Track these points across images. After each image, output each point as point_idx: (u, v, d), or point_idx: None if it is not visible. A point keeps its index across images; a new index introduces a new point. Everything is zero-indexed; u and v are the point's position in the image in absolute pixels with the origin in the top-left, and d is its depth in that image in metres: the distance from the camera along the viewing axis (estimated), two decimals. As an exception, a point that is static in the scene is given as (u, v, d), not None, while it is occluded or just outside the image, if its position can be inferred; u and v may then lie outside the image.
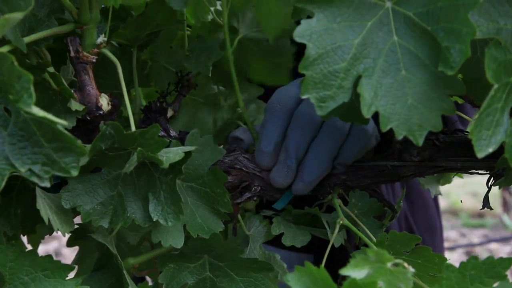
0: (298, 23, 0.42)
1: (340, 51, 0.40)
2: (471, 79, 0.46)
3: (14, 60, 0.34)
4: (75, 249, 0.76)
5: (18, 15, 0.35)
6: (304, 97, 0.40)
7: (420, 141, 0.41)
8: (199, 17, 0.71)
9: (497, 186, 0.64)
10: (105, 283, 0.60)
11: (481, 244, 3.77)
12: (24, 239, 0.73)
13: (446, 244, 3.79)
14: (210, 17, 0.70)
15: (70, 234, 0.65)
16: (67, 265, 0.50)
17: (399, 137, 0.41)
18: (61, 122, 0.36)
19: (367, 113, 0.40)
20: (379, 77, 0.40)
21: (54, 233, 0.68)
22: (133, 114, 0.59)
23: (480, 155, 0.39)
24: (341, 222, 0.60)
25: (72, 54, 0.50)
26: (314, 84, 0.40)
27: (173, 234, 0.54)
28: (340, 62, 0.40)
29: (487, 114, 0.39)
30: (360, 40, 0.41)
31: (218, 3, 0.72)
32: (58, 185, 0.54)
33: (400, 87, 0.40)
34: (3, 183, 0.38)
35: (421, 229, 1.06)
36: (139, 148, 0.46)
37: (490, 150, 0.40)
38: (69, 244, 0.72)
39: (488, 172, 0.64)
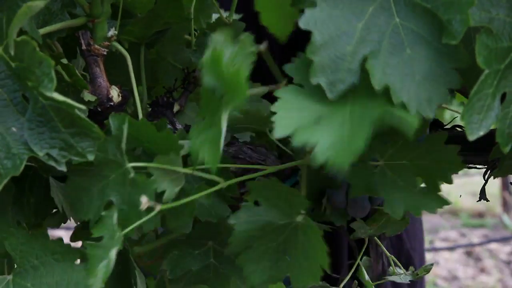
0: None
1: (345, 36, 0.41)
2: (467, 69, 0.48)
3: (36, 46, 0.36)
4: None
5: (40, 3, 0.36)
6: (314, 81, 0.42)
7: (431, 115, 0.42)
8: (204, 18, 0.73)
9: (496, 184, 0.66)
10: (112, 270, 0.61)
11: (481, 244, 3.78)
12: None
13: (446, 244, 3.80)
14: (215, 16, 0.72)
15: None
16: (77, 249, 0.51)
17: (412, 112, 0.41)
18: (79, 107, 0.37)
19: (378, 85, 0.41)
20: (385, 57, 0.42)
21: (54, 232, 0.70)
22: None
23: (471, 138, 0.41)
24: None
25: (84, 47, 0.52)
26: (323, 69, 0.41)
27: (182, 220, 0.55)
28: (346, 46, 0.41)
29: (478, 99, 0.41)
30: (364, 25, 0.42)
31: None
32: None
33: (407, 65, 0.42)
34: (22, 167, 0.40)
35: None
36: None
37: (481, 133, 0.41)
38: (74, 238, 0.72)
39: (486, 166, 0.66)
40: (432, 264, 0.66)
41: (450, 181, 0.49)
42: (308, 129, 0.40)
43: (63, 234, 3.49)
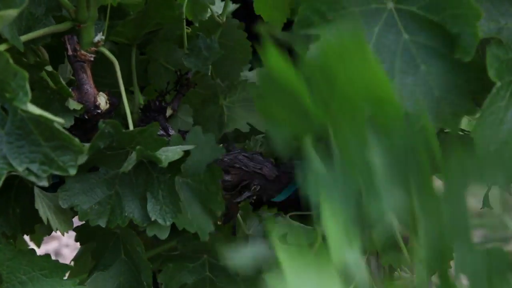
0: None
1: None
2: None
3: (9, 57, 0.34)
4: (75, 249, 0.75)
5: (12, 12, 0.34)
6: None
7: (457, 129, 0.41)
8: (197, 15, 0.71)
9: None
10: (113, 283, 0.59)
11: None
12: (27, 238, 0.73)
13: (446, 244, 3.79)
14: (208, 15, 0.70)
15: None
16: (65, 264, 0.50)
17: (438, 128, 0.40)
18: (57, 120, 0.36)
19: None
20: (401, 78, 0.40)
21: (54, 233, 0.68)
22: (132, 113, 0.59)
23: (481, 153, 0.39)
24: None
25: (70, 52, 0.50)
26: None
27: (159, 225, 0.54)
28: None
29: (491, 112, 0.39)
30: (372, 47, 0.40)
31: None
32: (57, 184, 0.54)
33: (423, 82, 0.40)
34: (1, 182, 0.38)
35: None
36: (138, 146, 0.46)
37: (492, 149, 0.39)
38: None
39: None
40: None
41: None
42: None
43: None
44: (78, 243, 0.71)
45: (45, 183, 0.39)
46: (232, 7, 0.78)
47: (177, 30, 0.70)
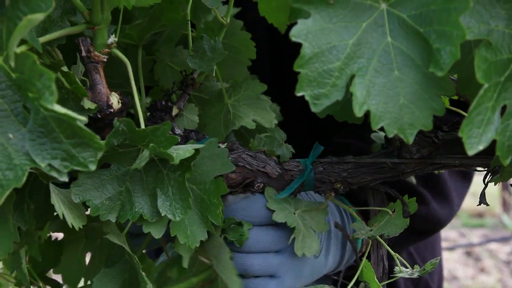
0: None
1: (335, 51, 0.41)
2: (466, 78, 0.48)
3: (36, 58, 0.36)
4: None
5: (39, 16, 0.36)
6: (299, 94, 0.42)
7: (410, 139, 0.42)
8: (202, 17, 0.72)
9: (495, 185, 0.65)
10: (119, 279, 0.61)
11: (480, 244, 3.78)
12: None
13: (445, 244, 3.79)
14: (212, 16, 0.71)
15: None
16: None
17: (390, 135, 0.42)
18: (80, 118, 0.38)
19: (358, 112, 0.42)
20: (372, 76, 0.42)
21: (54, 233, 0.70)
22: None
23: (470, 152, 0.41)
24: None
25: (84, 53, 0.52)
26: (309, 82, 0.41)
27: (155, 225, 0.56)
28: (335, 61, 0.41)
29: (478, 113, 0.40)
30: (355, 41, 0.42)
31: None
32: (70, 181, 0.56)
33: (393, 86, 0.42)
34: (24, 178, 0.40)
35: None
36: (151, 144, 0.48)
37: (481, 147, 0.41)
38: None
39: (485, 169, 0.66)
40: (437, 259, 0.66)
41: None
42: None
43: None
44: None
45: (65, 179, 0.41)
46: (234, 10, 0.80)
47: (181, 31, 0.72)
